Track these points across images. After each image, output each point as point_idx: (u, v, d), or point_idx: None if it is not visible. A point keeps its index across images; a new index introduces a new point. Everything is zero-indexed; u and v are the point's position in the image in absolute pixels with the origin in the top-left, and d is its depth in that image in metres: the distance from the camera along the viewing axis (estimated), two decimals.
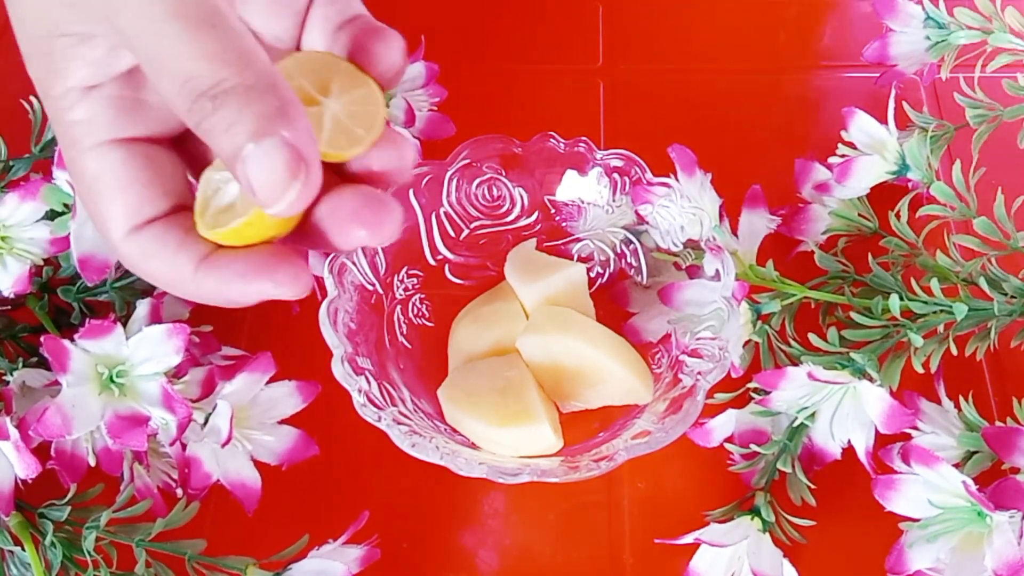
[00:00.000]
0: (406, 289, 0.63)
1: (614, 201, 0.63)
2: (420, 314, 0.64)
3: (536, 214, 0.65)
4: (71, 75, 0.44)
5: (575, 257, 0.65)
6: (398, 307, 0.63)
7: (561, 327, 0.60)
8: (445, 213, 0.64)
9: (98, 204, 0.44)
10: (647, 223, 0.62)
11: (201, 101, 0.39)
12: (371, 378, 0.57)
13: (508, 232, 0.66)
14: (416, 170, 0.59)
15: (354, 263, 0.60)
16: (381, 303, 0.62)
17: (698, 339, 0.59)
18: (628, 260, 0.64)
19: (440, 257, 0.65)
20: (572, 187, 0.64)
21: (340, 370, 0.54)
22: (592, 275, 0.65)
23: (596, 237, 0.65)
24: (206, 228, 0.42)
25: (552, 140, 0.63)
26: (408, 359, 0.62)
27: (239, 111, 0.38)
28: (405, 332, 0.63)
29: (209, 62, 0.38)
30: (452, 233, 0.65)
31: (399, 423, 0.55)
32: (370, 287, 0.61)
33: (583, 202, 0.64)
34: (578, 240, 0.65)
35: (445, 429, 0.58)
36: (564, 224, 0.65)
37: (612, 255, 0.65)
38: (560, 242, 0.65)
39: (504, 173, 0.64)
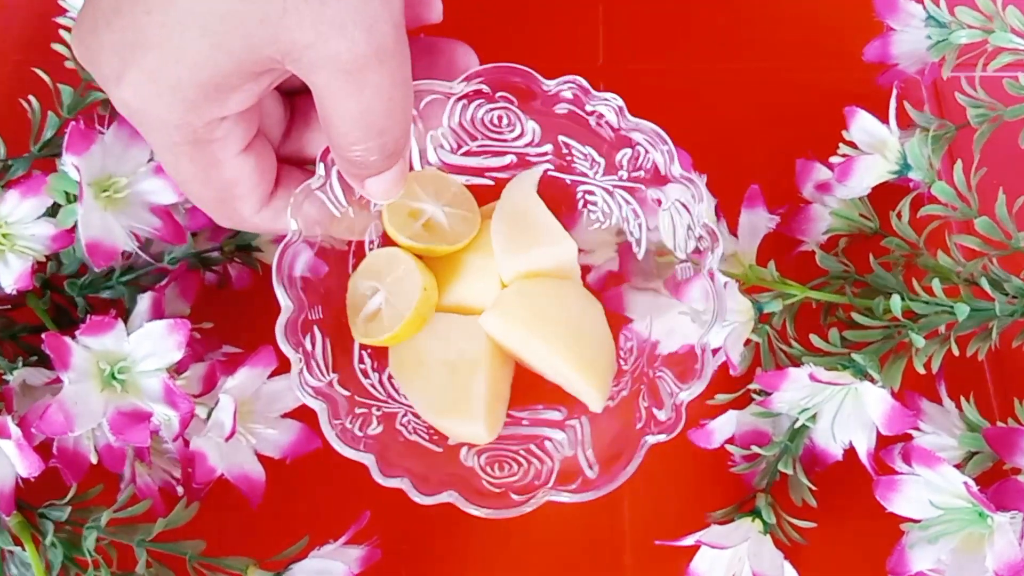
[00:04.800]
0: None
1: (631, 169, 0.61)
2: None
3: (548, 146, 0.62)
4: (229, 105, 0.48)
5: (580, 199, 0.63)
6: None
7: (524, 321, 0.58)
8: (442, 133, 0.61)
9: (234, 202, 0.52)
10: (656, 201, 0.60)
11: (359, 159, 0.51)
12: (320, 335, 0.57)
13: (513, 152, 0.63)
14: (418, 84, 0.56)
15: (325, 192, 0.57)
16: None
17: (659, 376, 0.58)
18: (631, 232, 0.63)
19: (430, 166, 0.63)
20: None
21: (283, 332, 0.54)
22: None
23: (604, 190, 0.63)
24: (360, 336, 0.58)
25: (575, 85, 0.58)
26: None
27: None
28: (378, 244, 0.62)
29: (354, 146, 0.50)
30: (449, 147, 0.62)
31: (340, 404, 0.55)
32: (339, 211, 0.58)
33: (598, 154, 0.62)
34: (586, 185, 0.63)
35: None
36: (574, 165, 0.63)
37: (614, 247, 0.64)
38: (568, 176, 0.63)
39: (516, 103, 0.60)
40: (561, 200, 0.63)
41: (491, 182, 0.63)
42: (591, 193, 0.63)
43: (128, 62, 0.46)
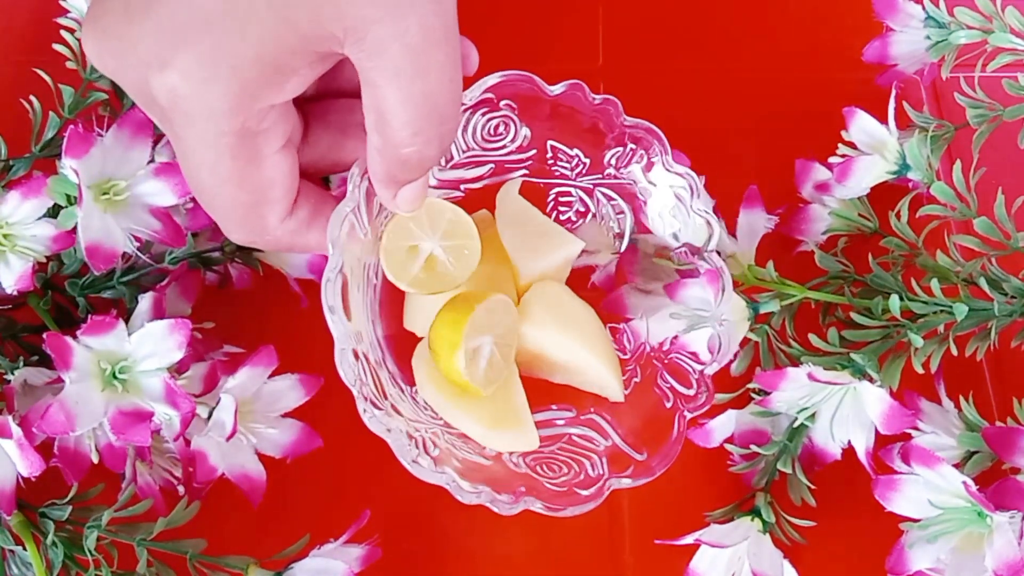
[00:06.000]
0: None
1: (621, 166, 0.61)
2: None
3: (532, 152, 0.62)
4: (286, 90, 0.46)
5: (550, 201, 0.63)
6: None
7: (559, 326, 0.59)
8: None
9: (265, 207, 0.50)
10: (644, 200, 0.61)
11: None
12: (365, 362, 0.55)
13: (491, 160, 0.63)
14: None
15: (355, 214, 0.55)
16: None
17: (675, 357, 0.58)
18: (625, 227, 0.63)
19: None
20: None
21: (344, 363, 0.52)
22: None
23: (582, 189, 0.63)
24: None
25: (580, 93, 0.59)
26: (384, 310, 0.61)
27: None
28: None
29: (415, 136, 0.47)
30: (442, 161, 0.62)
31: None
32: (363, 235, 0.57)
33: (584, 155, 0.62)
34: (561, 186, 0.63)
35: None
36: (554, 168, 0.63)
37: (611, 244, 0.64)
38: (541, 181, 0.63)
39: (516, 110, 0.60)
40: (532, 203, 0.63)
41: (462, 194, 0.63)
42: (565, 195, 0.63)
43: (178, 44, 0.44)
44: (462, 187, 0.63)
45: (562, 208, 0.64)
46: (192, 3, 0.43)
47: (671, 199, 0.59)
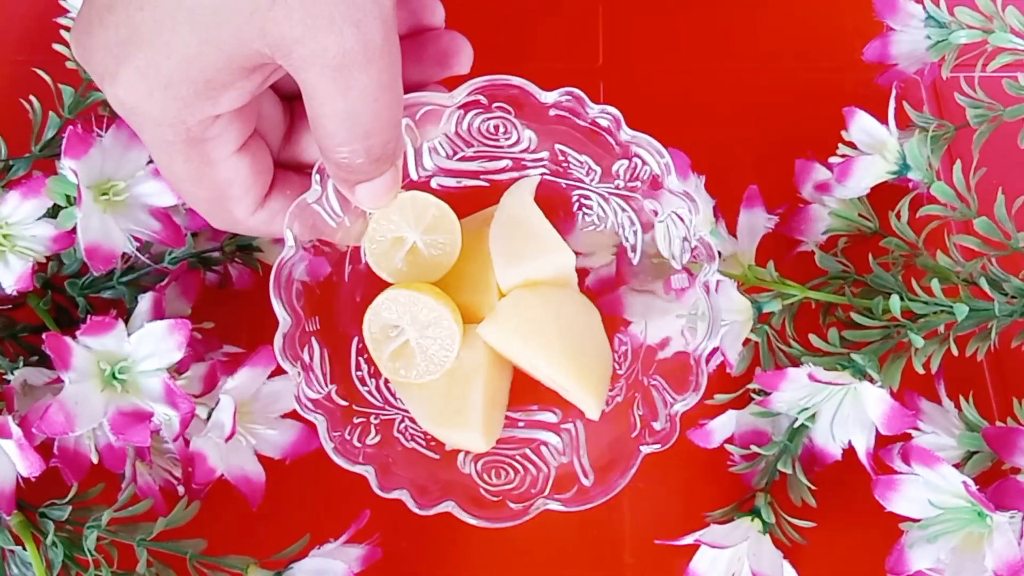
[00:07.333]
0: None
1: (628, 179, 0.60)
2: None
3: (545, 153, 0.61)
4: (222, 103, 0.47)
5: (575, 203, 0.63)
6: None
7: (521, 332, 0.58)
8: (438, 140, 0.61)
9: (227, 203, 0.52)
10: (653, 216, 0.60)
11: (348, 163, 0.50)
12: (318, 345, 0.56)
13: (509, 157, 0.62)
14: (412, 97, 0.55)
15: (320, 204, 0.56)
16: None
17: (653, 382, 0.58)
18: (627, 241, 0.62)
19: (426, 174, 0.62)
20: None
21: (280, 347, 0.53)
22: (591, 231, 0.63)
23: (600, 196, 0.62)
24: (389, 374, 0.57)
25: (572, 96, 0.57)
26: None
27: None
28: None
29: (340, 148, 0.49)
30: (444, 153, 0.61)
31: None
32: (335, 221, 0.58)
33: (594, 163, 0.61)
34: (582, 190, 0.62)
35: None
36: (570, 171, 0.62)
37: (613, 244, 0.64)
38: (563, 181, 0.62)
39: (513, 113, 0.59)
40: (557, 204, 0.62)
41: (487, 184, 0.62)
42: (587, 198, 0.63)
43: (121, 60, 0.46)
44: (483, 177, 0.62)
45: (587, 211, 0.63)
46: (131, 21, 0.45)
47: (675, 220, 0.58)
